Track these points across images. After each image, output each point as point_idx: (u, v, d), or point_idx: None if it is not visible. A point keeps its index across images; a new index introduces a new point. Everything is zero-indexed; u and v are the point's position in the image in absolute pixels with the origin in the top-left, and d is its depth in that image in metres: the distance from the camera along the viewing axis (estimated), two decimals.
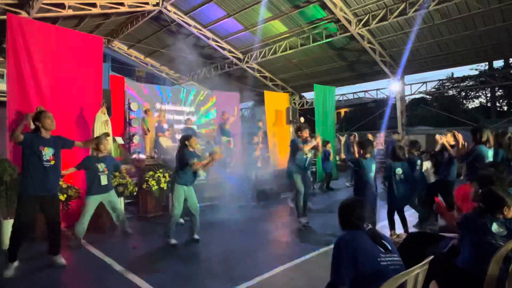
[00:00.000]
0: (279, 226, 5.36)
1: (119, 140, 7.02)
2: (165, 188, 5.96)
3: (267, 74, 14.22)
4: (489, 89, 22.86)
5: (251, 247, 4.41)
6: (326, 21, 10.18)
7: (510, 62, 16.75)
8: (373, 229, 1.90)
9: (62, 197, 4.76)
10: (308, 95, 16.30)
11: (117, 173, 5.47)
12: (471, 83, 13.51)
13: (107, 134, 4.69)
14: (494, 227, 2.25)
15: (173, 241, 4.46)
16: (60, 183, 4.78)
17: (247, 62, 13.14)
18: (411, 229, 4.71)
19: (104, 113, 5.74)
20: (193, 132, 9.51)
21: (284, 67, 13.56)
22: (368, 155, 4.37)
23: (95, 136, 5.52)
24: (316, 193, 8.60)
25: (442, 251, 2.58)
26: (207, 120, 11.94)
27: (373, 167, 4.40)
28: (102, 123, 5.63)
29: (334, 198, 7.91)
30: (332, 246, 1.85)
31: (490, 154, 4.16)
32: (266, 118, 10.80)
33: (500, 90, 23.58)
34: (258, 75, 14.00)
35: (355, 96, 15.53)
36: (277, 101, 11.43)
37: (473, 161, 4.13)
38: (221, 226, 5.49)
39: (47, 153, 3.55)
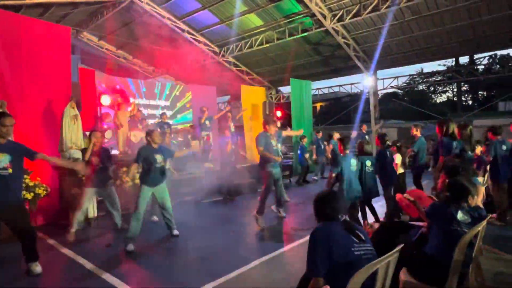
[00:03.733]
0: (254, 220, 5.37)
1: None
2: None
3: (243, 68, 14.14)
4: (455, 84, 23.99)
5: (228, 242, 4.40)
6: (302, 16, 10.23)
7: (474, 58, 17.62)
8: (347, 220, 1.94)
9: (29, 196, 4.54)
10: (285, 89, 16.41)
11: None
12: (439, 78, 14.10)
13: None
14: (460, 215, 2.37)
15: (130, 247, 4.02)
16: (27, 180, 4.57)
17: (223, 55, 13.00)
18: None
19: (73, 108, 5.49)
20: (169, 126, 9.34)
21: (261, 61, 13.54)
22: (347, 151, 4.47)
23: (63, 131, 5.29)
24: (293, 187, 8.72)
25: (412, 239, 2.70)
26: (183, 114, 11.74)
27: (353, 162, 4.44)
28: (71, 118, 5.38)
29: (310, 191, 8.05)
30: (308, 238, 1.88)
31: (455, 146, 4.38)
32: (243, 112, 10.78)
33: (466, 85, 24.80)
34: (234, 69, 13.90)
35: (330, 91, 15.79)
36: (253, 95, 11.42)
37: (441, 153, 4.35)
38: (197, 221, 5.45)
39: (3, 160, 3.16)
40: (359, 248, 1.80)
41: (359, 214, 4.61)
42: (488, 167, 4.98)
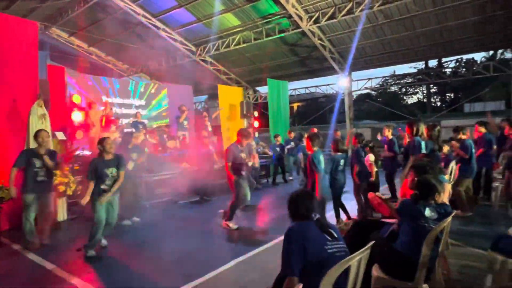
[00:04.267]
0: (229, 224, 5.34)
1: (60, 135, 6.46)
2: None
3: (220, 67, 14.05)
4: (425, 86, 25.05)
5: (204, 243, 4.37)
6: (278, 16, 10.31)
7: (442, 62, 18.48)
8: (320, 218, 1.97)
9: None
10: (262, 89, 16.47)
11: (58, 172, 5.02)
12: (410, 80, 14.72)
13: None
14: (427, 211, 2.47)
15: (91, 252, 3.81)
16: None
17: (200, 55, 12.86)
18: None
19: (41, 106, 5.23)
20: (143, 125, 9.14)
21: (238, 61, 13.51)
22: (315, 148, 4.48)
23: (30, 131, 5.03)
24: (269, 187, 8.74)
25: (383, 236, 2.78)
26: (158, 112, 11.50)
27: (322, 159, 4.44)
28: (38, 117, 5.13)
29: (285, 191, 8.10)
30: (282, 237, 1.89)
31: (424, 145, 4.58)
32: (220, 112, 10.73)
33: (435, 87, 25.94)
34: (211, 68, 13.78)
35: (307, 91, 16.02)
36: (231, 95, 11.39)
37: (411, 152, 4.53)
38: (172, 222, 5.36)
39: None
40: (332, 246, 1.83)
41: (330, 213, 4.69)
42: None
